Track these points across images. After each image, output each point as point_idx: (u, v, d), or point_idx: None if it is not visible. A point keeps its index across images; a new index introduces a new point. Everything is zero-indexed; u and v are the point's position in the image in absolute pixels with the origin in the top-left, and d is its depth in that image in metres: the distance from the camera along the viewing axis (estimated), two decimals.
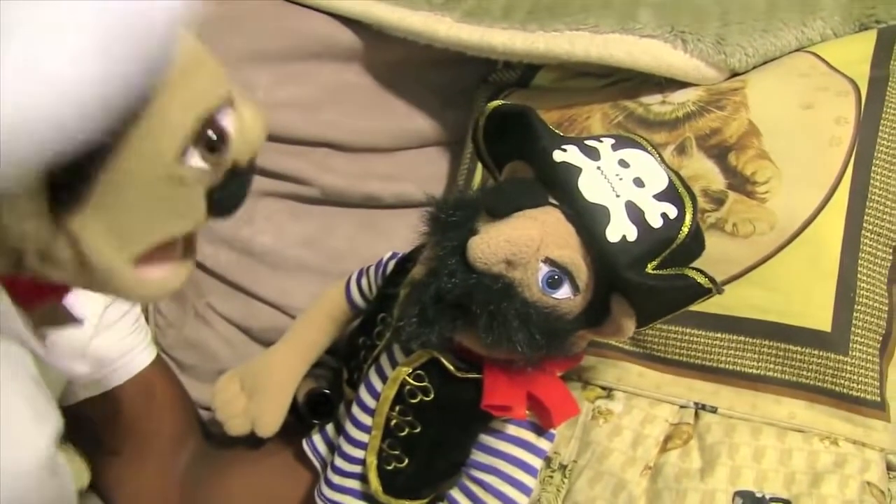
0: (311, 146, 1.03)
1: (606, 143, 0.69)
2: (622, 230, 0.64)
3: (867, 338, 0.77)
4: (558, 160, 0.65)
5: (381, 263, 0.83)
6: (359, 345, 0.80)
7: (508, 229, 0.62)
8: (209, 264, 1.04)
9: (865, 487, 0.73)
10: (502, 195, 0.66)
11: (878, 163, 0.80)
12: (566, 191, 0.64)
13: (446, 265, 0.63)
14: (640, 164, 0.68)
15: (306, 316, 0.87)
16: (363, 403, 0.76)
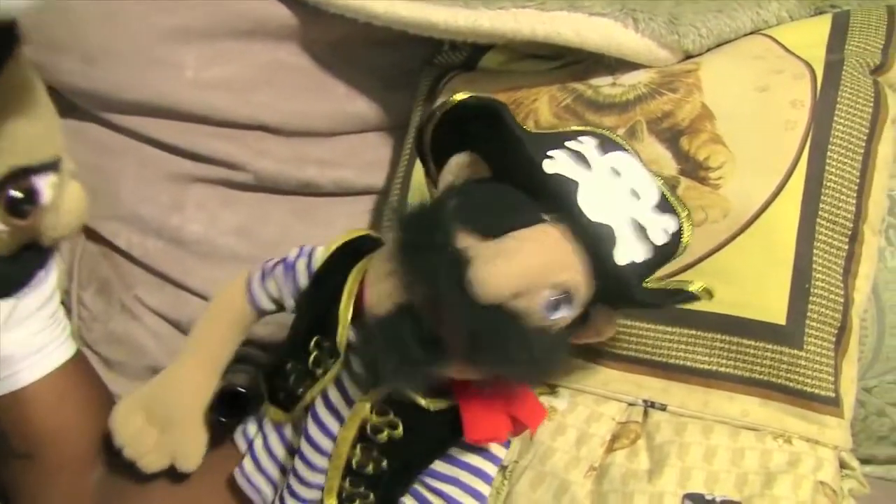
0: (244, 129, 0.97)
1: (589, 145, 0.63)
2: (630, 253, 0.61)
3: (822, 331, 0.74)
4: (550, 172, 0.59)
5: (288, 265, 0.74)
6: (287, 369, 0.72)
7: (516, 258, 0.57)
8: (136, 254, 0.98)
9: (818, 487, 0.70)
10: (491, 213, 0.59)
11: (834, 148, 0.77)
12: (566, 209, 0.59)
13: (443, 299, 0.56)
14: (630, 173, 0.64)
15: (205, 325, 0.78)
16: (316, 444, 0.70)
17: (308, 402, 0.70)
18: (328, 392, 0.69)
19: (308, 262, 0.73)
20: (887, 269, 0.82)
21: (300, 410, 0.71)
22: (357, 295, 0.66)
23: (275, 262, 0.76)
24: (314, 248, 0.73)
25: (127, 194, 0.97)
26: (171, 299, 0.99)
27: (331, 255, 0.71)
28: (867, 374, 0.83)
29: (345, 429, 0.69)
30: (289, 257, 0.74)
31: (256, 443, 0.76)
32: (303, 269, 0.73)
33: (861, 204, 0.77)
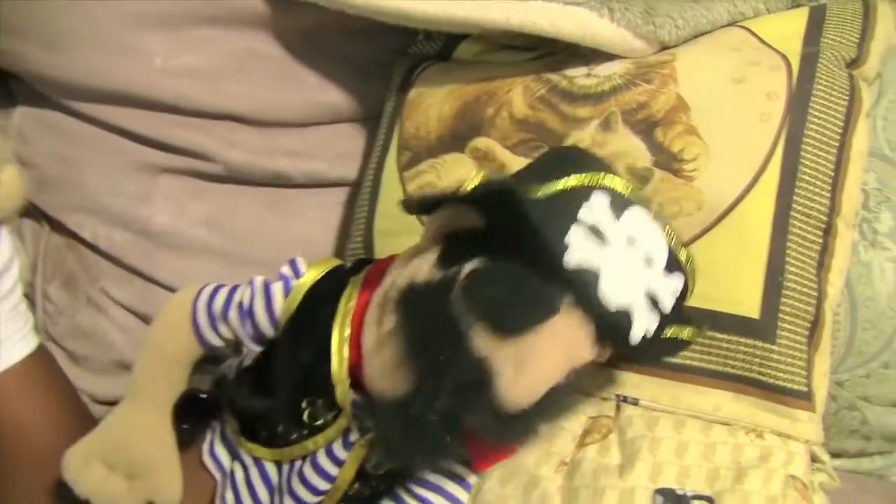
0: (214, 119, 0.95)
1: (603, 210, 0.59)
2: (645, 326, 0.59)
3: (795, 325, 0.73)
4: (572, 264, 0.56)
5: (244, 310, 0.70)
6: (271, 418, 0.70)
7: (541, 367, 0.57)
8: (103, 246, 0.96)
9: (789, 481, 0.69)
10: (509, 307, 0.56)
11: (809, 140, 0.76)
12: (588, 301, 0.57)
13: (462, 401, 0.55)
14: (643, 237, 0.60)
15: (150, 365, 0.73)
16: (313, 487, 0.69)
17: (311, 449, 0.68)
18: (332, 445, 0.68)
19: (267, 303, 0.69)
20: (861, 263, 0.82)
21: (295, 454, 0.70)
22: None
23: (223, 300, 0.71)
24: (268, 286, 0.70)
25: (93, 185, 0.95)
26: (139, 292, 0.97)
27: (302, 302, 0.68)
28: (839, 368, 0.83)
29: (345, 470, 0.68)
30: (243, 303, 0.70)
31: (237, 476, 0.73)
32: (262, 313, 0.69)
33: (835, 197, 0.76)
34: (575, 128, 0.81)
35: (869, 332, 0.82)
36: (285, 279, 0.70)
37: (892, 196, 0.83)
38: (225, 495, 0.73)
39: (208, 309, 0.71)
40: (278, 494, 0.71)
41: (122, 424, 0.73)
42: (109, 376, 0.97)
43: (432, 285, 0.58)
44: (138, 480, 0.72)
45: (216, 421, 0.77)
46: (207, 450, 0.76)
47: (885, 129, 0.85)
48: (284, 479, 0.70)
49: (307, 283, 0.69)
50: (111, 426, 0.73)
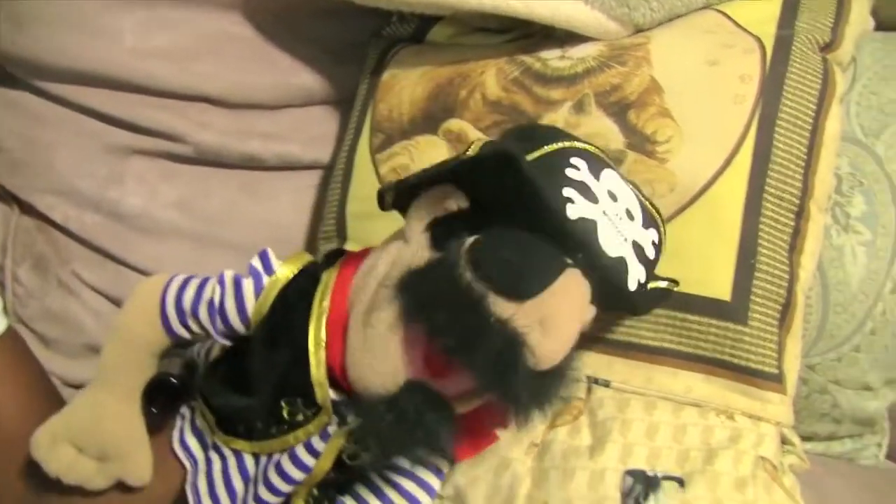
0: (186, 100, 0.94)
1: (585, 171, 0.62)
2: (637, 276, 0.62)
3: (767, 307, 0.73)
4: (574, 217, 0.58)
5: (215, 310, 0.69)
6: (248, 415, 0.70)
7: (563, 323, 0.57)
8: (73, 228, 0.95)
9: (759, 462, 0.69)
10: (520, 271, 0.57)
11: (782, 123, 0.76)
12: (590, 253, 0.59)
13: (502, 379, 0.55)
14: (622, 193, 0.64)
15: (118, 352, 0.72)
16: (288, 476, 0.68)
17: (292, 443, 0.68)
18: (311, 439, 0.67)
19: (238, 302, 0.68)
20: (833, 246, 0.82)
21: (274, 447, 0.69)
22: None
23: (192, 295, 0.70)
24: (239, 283, 0.69)
25: (62, 167, 0.94)
26: (111, 275, 0.96)
27: (275, 302, 0.67)
28: (811, 351, 0.83)
29: (321, 461, 0.67)
30: (213, 299, 0.69)
31: (215, 466, 0.72)
32: (233, 311, 0.68)
33: (808, 180, 0.76)
34: (548, 110, 0.80)
35: (841, 315, 0.83)
36: (257, 275, 0.68)
37: (864, 180, 0.83)
38: (197, 483, 0.72)
39: (177, 303, 0.70)
40: (253, 485, 0.70)
41: (91, 409, 0.72)
42: (80, 359, 0.96)
43: (434, 265, 0.58)
44: (108, 462, 0.72)
45: (186, 408, 0.77)
46: (178, 438, 0.75)
47: (858, 113, 0.86)
48: (261, 471, 0.70)
49: (279, 281, 0.68)
50: (79, 410, 0.72)
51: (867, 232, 0.82)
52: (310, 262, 0.70)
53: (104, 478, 0.72)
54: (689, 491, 0.68)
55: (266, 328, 0.68)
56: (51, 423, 0.72)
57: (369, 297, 0.62)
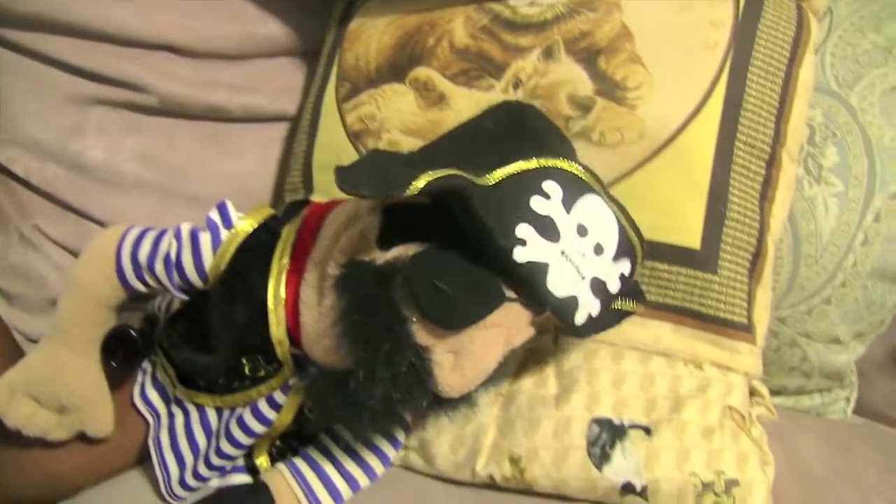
0: (149, 49, 0.92)
1: (556, 200, 0.57)
2: (588, 310, 0.59)
3: (737, 256, 0.73)
4: (522, 261, 0.55)
5: (171, 264, 0.67)
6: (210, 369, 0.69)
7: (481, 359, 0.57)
8: (35, 181, 0.93)
9: (727, 412, 0.69)
10: (453, 301, 0.55)
11: (755, 69, 0.75)
12: (535, 293, 0.56)
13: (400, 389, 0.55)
14: (596, 225, 0.59)
15: (74, 306, 0.70)
16: (249, 429, 0.67)
17: (254, 398, 0.67)
18: (273, 394, 0.67)
19: (196, 257, 0.66)
20: (805, 198, 0.81)
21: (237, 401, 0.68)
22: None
23: (148, 249, 0.68)
24: (196, 237, 0.67)
25: (22, 117, 0.92)
26: (74, 229, 0.94)
27: (233, 258, 0.66)
28: (781, 304, 0.82)
29: (283, 415, 0.67)
30: (170, 253, 0.67)
31: (177, 420, 0.72)
32: (190, 266, 0.67)
33: (780, 128, 0.75)
34: (517, 57, 0.79)
35: (812, 268, 0.82)
36: (215, 229, 0.67)
37: (837, 132, 0.82)
38: (160, 436, 0.72)
39: (133, 257, 0.68)
40: (215, 438, 0.69)
41: (49, 362, 0.70)
42: (43, 315, 0.94)
43: (373, 271, 0.56)
44: (70, 416, 0.71)
45: (147, 362, 0.75)
46: (139, 392, 0.74)
47: (833, 64, 0.84)
48: (223, 425, 0.69)
49: (238, 236, 0.66)
50: (37, 363, 0.71)
51: (839, 183, 0.81)
52: (270, 215, 0.68)
53: (65, 429, 0.71)
54: (656, 439, 0.68)
55: (224, 285, 0.66)
56: (8, 376, 0.70)
57: (321, 269, 0.61)
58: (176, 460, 0.71)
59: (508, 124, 0.63)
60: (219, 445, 0.68)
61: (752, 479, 0.66)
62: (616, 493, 0.67)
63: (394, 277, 0.55)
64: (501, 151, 0.59)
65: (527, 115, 0.65)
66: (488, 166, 0.57)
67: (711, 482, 0.66)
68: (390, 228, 0.58)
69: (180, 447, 0.71)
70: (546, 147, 0.61)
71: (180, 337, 0.72)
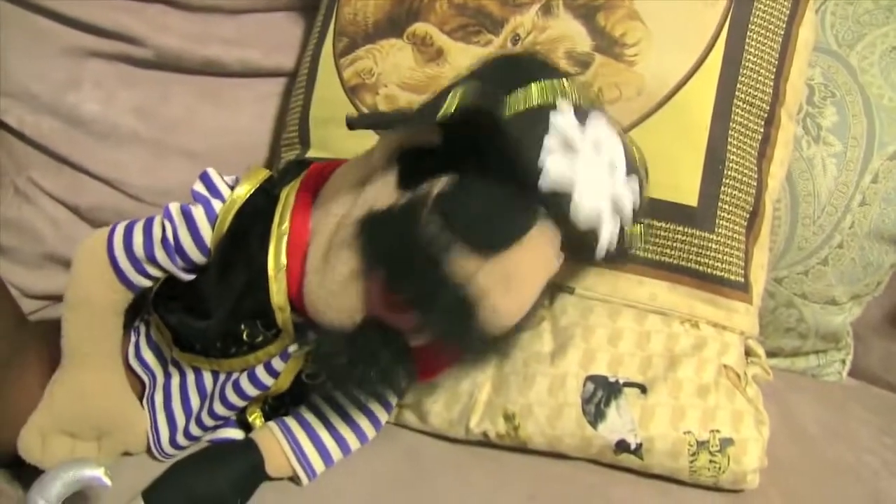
0: (145, 1, 0.91)
1: (569, 119, 0.56)
2: (610, 233, 0.58)
3: (734, 214, 0.72)
4: (552, 173, 0.54)
5: (168, 245, 0.65)
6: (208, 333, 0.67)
7: (526, 283, 0.55)
8: (29, 134, 0.92)
9: (722, 370, 0.69)
10: (487, 225, 0.54)
11: (754, 28, 0.74)
12: (565, 207, 0.55)
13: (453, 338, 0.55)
14: (607, 143, 0.59)
15: (82, 325, 0.67)
16: (244, 393, 0.67)
17: (252, 364, 0.66)
18: (271, 360, 0.66)
19: (194, 234, 0.65)
20: (803, 158, 0.81)
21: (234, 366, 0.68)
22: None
23: (141, 240, 0.66)
24: (188, 213, 0.64)
25: (17, 69, 0.91)
26: (69, 182, 0.94)
27: (231, 226, 0.64)
28: (778, 264, 0.82)
29: (280, 380, 0.66)
30: (167, 236, 0.65)
31: (173, 381, 0.71)
32: (191, 245, 0.65)
33: (779, 87, 0.74)
34: (515, 12, 0.78)
35: (809, 228, 0.82)
36: (204, 201, 0.65)
37: (837, 91, 0.82)
38: (154, 397, 0.71)
39: (129, 253, 0.66)
40: (209, 400, 0.69)
41: (73, 391, 0.67)
42: (39, 270, 0.94)
43: (399, 209, 0.55)
44: (108, 440, 0.69)
45: (140, 321, 0.75)
46: (133, 353, 0.73)
47: (833, 24, 0.84)
48: (218, 387, 0.69)
49: (235, 203, 0.64)
50: (60, 397, 0.67)
51: (838, 143, 0.81)
52: (266, 178, 0.67)
53: (108, 453, 0.69)
54: (651, 397, 0.68)
55: (222, 252, 0.64)
56: (34, 421, 0.67)
57: (330, 230, 0.60)
58: (167, 421, 0.70)
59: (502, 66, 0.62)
60: (212, 407, 0.68)
61: (747, 438, 0.66)
62: (610, 450, 0.67)
63: (422, 211, 0.53)
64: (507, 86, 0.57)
65: (519, 57, 0.66)
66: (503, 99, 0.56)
67: (706, 441, 0.66)
68: (409, 174, 0.57)
69: (173, 408, 0.70)
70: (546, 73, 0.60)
71: (176, 301, 0.70)
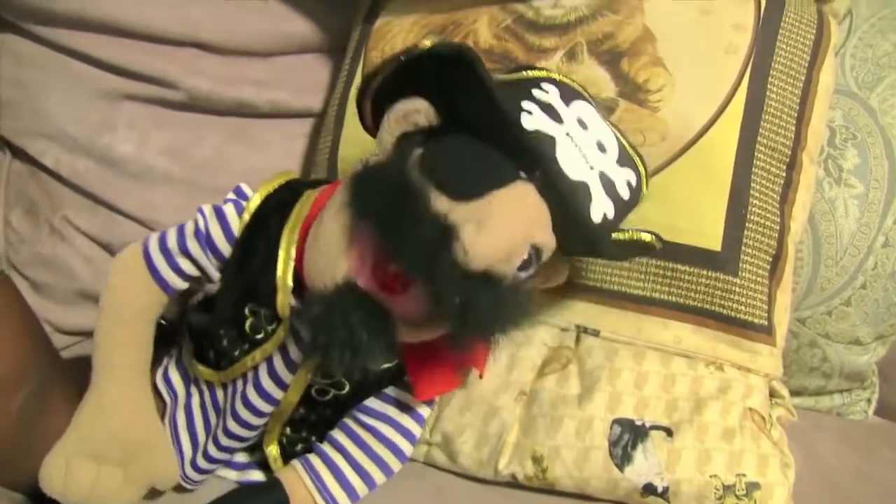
0: (178, 45, 0.94)
1: (554, 95, 0.60)
2: (603, 208, 0.59)
3: (757, 258, 0.73)
4: (529, 128, 0.56)
5: (200, 234, 0.66)
6: (219, 333, 0.68)
7: (502, 224, 0.55)
8: (65, 174, 0.95)
9: (747, 413, 0.70)
10: (467, 172, 0.56)
11: (776, 73, 0.75)
12: (547, 168, 0.56)
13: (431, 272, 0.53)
14: (594, 124, 0.62)
15: (114, 333, 0.67)
16: (255, 408, 0.67)
17: (249, 366, 0.67)
18: (272, 358, 0.66)
19: (224, 226, 0.66)
20: (825, 199, 0.82)
21: (236, 373, 0.68)
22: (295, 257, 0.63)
23: (175, 236, 0.67)
24: (219, 209, 0.66)
25: (54, 111, 0.93)
26: (102, 221, 0.96)
27: (255, 213, 0.65)
28: (801, 304, 0.83)
29: (290, 393, 0.67)
30: (199, 227, 0.66)
31: (194, 400, 0.72)
32: (220, 236, 0.66)
33: (800, 131, 0.76)
34: (540, 58, 0.79)
35: (832, 269, 0.82)
36: (234, 200, 0.67)
37: (858, 133, 0.83)
38: (176, 416, 0.72)
39: (162, 249, 0.67)
40: (223, 417, 0.69)
41: (99, 405, 0.66)
42: (72, 306, 0.97)
43: (387, 161, 0.58)
44: (133, 463, 0.67)
45: (174, 347, 0.76)
46: (161, 374, 0.74)
47: (853, 66, 0.85)
48: (229, 402, 0.69)
49: (261, 194, 0.66)
50: (85, 414, 0.66)
51: (860, 185, 0.82)
52: (294, 178, 0.69)
53: (135, 487, 0.68)
54: (677, 440, 0.69)
55: (244, 237, 0.65)
56: (59, 445, 0.66)
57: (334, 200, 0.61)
58: (190, 440, 0.71)
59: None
60: (226, 425, 0.69)
61: (773, 482, 0.67)
62: (637, 493, 0.68)
63: (407, 161, 0.56)
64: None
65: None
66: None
67: (732, 484, 0.67)
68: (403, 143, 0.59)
69: (195, 426, 0.71)
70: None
71: (202, 305, 0.72)
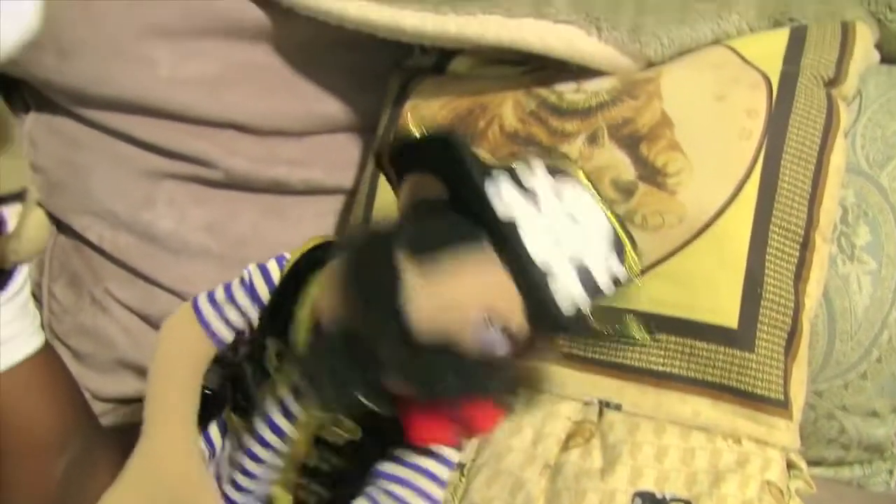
0: (216, 127, 0.98)
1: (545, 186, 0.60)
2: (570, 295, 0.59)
3: (773, 335, 0.76)
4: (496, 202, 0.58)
5: (246, 285, 0.71)
6: (247, 373, 0.71)
7: (452, 287, 0.57)
8: (107, 248, 0.99)
9: (765, 486, 0.72)
10: (432, 237, 0.59)
11: (788, 157, 0.78)
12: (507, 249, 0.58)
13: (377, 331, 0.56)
14: (588, 217, 0.61)
15: (165, 382, 0.70)
16: (262, 439, 0.69)
17: (264, 400, 0.69)
18: (283, 397, 0.68)
19: (266, 279, 0.70)
20: (839, 275, 0.84)
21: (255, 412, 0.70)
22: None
23: (222, 289, 0.72)
24: (263, 265, 0.71)
25: (98, 189, 0.98)
26: (142, 294, 1.00)
27: (294, 264, 0.70)
28: (818, 377, 0.85)
29: (298, 430, 0.68)
30: (245, 278, 0.71)
31: (226, 451, 0.74)
32: (263, 288, 0.70)
33: (813, 212, 0.79)
34: (563, 141, 0.83)
35: (847, 343, 0.85)
36: (279, 257, 0.71)
37: (869, 211, 0.86)
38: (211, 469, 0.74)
39: (211, 301, 0.71)
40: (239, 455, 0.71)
41: (150, 458, 0.68)
42: (111, 374, 1.00)
43: (377, 224, 0.63)
44: None
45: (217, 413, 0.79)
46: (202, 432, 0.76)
47: (863, 145, 0.88)
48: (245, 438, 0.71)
49: (307, 246, 0.71)
50: (136, 467, 0.68)
51: (872, 261, 0.85)
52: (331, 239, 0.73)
53: None
54: None
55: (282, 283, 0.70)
56: (108, 495, 0.67)
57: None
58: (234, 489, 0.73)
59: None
60: (241, 463, 0.71)
61: None
62: None
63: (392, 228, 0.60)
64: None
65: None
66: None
67: None
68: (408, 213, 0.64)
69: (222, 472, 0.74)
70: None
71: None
